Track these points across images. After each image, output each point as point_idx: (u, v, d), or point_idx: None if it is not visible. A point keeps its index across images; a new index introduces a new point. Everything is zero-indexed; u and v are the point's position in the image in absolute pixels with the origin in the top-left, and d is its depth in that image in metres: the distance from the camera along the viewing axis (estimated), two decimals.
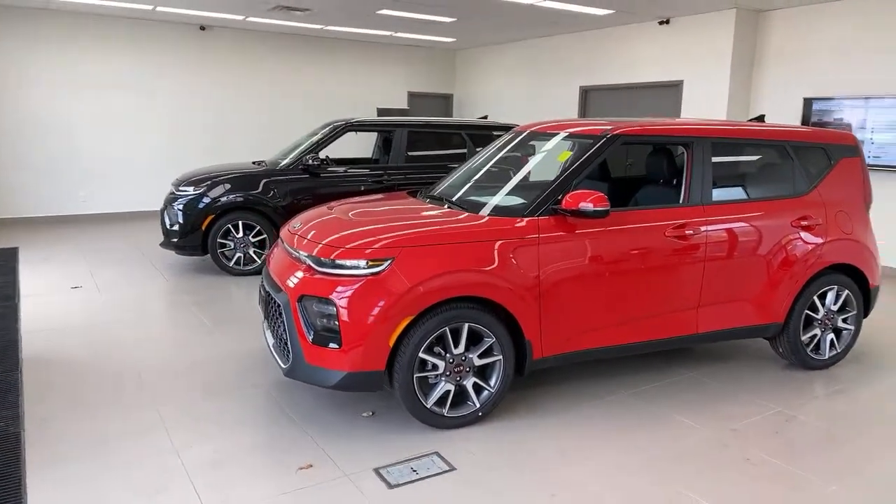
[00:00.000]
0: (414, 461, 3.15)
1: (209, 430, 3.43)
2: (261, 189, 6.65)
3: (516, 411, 3.71)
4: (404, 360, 3.28)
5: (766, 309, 4.13)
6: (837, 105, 7.44)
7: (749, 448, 3.34)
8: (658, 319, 3.87)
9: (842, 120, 7.41)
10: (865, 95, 7.19)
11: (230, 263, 6.68)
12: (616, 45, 9.76)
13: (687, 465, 3.16)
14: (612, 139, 3.81)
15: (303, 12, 9.06)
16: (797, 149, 4.29)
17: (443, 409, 3.43)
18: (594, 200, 3.45)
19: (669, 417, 3.68)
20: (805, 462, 3.21)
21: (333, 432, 3.42)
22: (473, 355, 3.44)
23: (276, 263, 3.86)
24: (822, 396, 4.02)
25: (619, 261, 3.68)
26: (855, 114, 7.29)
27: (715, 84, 8.40)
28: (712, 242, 3.92)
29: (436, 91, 13.12)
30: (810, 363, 4.37)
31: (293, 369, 3.41)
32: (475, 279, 3.34)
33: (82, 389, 3.90)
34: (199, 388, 3.95)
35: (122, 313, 5.38)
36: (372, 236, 3.40)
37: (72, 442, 3.26)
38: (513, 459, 3.18)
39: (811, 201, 4.24)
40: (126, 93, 10.13)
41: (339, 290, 3.26)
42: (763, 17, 8.25)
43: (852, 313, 4.44)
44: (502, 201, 3.82)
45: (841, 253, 4.27)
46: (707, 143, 4.00)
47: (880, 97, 7.04)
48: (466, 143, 7.36)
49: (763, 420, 3.67)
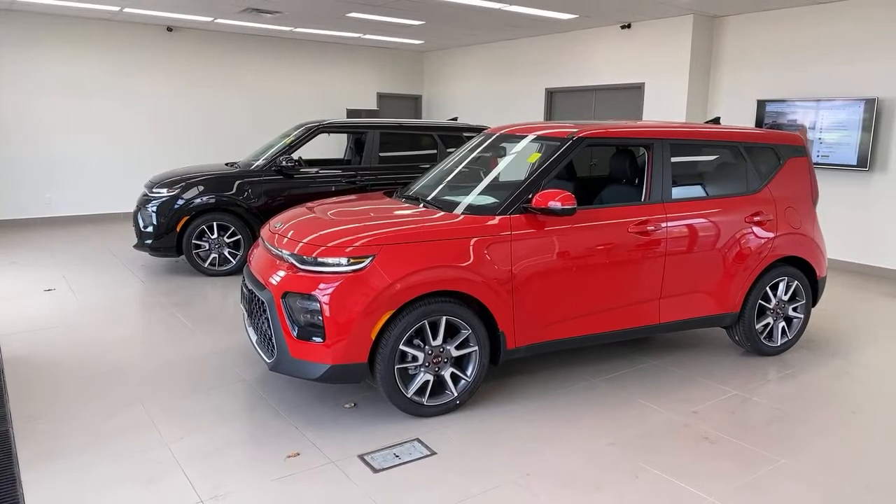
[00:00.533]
0: (396, 447, 3.32)
1: (196, 423, 3.55)
2: (235, 190, 6.73)
3: (492, 399, 3.91)
4: (385, 353, 3.45)
5: (722, 300, 4.41)
6: (789, 107, 7.83)
7: (707, 428, 3.60)
8: (623, 310, 4.11)
9: (795, 121, 7.81)
10: (814, 98, 7.60)
11: (205, 264, 6.75)
12: (580, 49, 10.06)
13: (650, 444, 3.40)
14: (577, 141, 4.04)
15: (272, 14, 9.13)
16: (749, 149, 4.58)
17: (422, 399, 3.61)
18: (562, 199, 3.67)
19: (635, 402, 3.92)
20: (758, 439, 3.48)
21: (318, 423, 3.58)
22: (451, 347, 3.63)
23: (257, 262, 3.99)
24: (774, 380, 4.32)
25: (586, 256, 3.91)
26: (805, 115, 7.69)
27: (674, 86, 8.75)
28: (672, 238, 4.18)
29: (405, 92, 13.28)
30: (764, 350, 4.68)
31: (278, 363, 3.55)
32: (452, 275, 3.53)
33: (67, 389, 3.97)
34: (183, 385, 4.06)
35: (99, 315, 5.43)
36: (352, 234, 3.56)
37: (61, 438, 3.35)
38: (489, 443, 3.38)
39: (763, 198, 4.54)
40: (92, 94, 10.06)
41: (321, 287, 3.41)
42: (718, 22, 8.63)
43: (802, 303, 4.75)
44: (475, 200, 4.01)
45: (790, 246, 4.58)
46: (666, 145, 4.26)
47: (828, 99, 7.45)
48: (437, 144, 7.55)
49: (720, 402, 3.94)
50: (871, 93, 7.19)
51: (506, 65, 11.48)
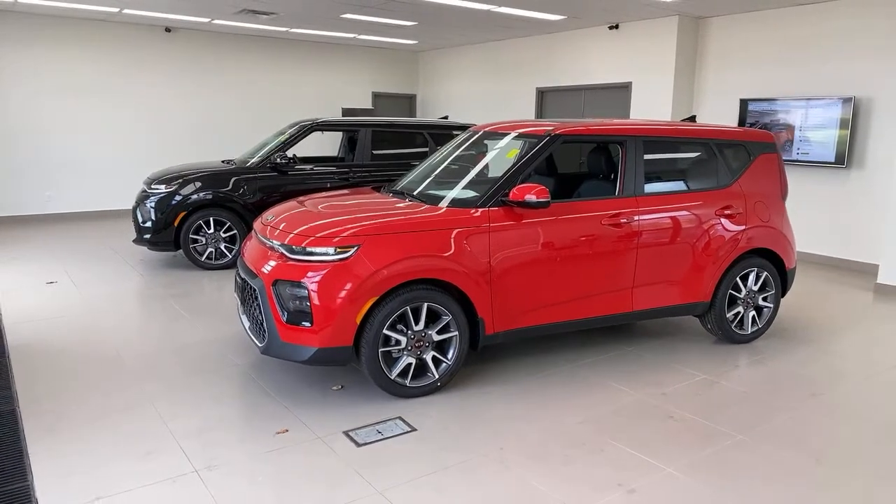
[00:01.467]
0: (379, 424, 3.54)
1: (191, 403, 3.77)
2: (231, 187, 6.95)
3: (472, 382, 4.14)
4: (370, 337, 3.67)
5: (694, 289, 4.64)
6: (770, 106, 8.06)
7: (673, 408, 3.82)
8: (597, 299, 4.33)
9: (779, 120, 8.03)
10: (795, 97, 7.82)
11: (202, 258, 6.97)
12: (570, 49, 10.28)
13: (618, 422, 3.62)
14: (553, 138, 4.26)
15: (268, 16, 9.35)
16: (720, 146, 4.80)
17: (405, 380, 3.83)
18: (537, 193, 3.89)
19: (607, 385, 4.14)
20: (720, 418, 3.71)
21: (306, 403, 3.80)
22: (432, 332, 3.85)
23: (250, 253, 4.20)
24: (743, 365, 4.54)
25: (561, 247, 4.13)
26: (786, 114, 7.91)
27: (660, 86, 8.97)
28: (644, 230, 4.40)
29: (399, 91, 13.50)
30: (735, 337, 4.90)
31: (269, 347, 3.77)
32: (433, 264, 3.75)
33: (70, 373, 4.19)
34: (179, 369, 4.27)
35: (100, 305, 5.65)
36: (340, 226, 3.78)
37: (65, 417, 3.57)
38: (467, 421, 3.60)
39: (733, 192, 4.76)
40: (91, 94, 10.28)
41: (309, 275, 3.63)
42: (703, 23, 8.85)
43: (771, 292, 4.97)
44: (459, 194, 4.23)
45: (759, 239, 4.80)
46: (639, 142, 4.48)
47: (808, 98, 7.67)
48: (428, 142, 7.77)
49: (689, 386, 4.16)
50: (850, 92, 7.41)
51: (498, 65, 11.71)
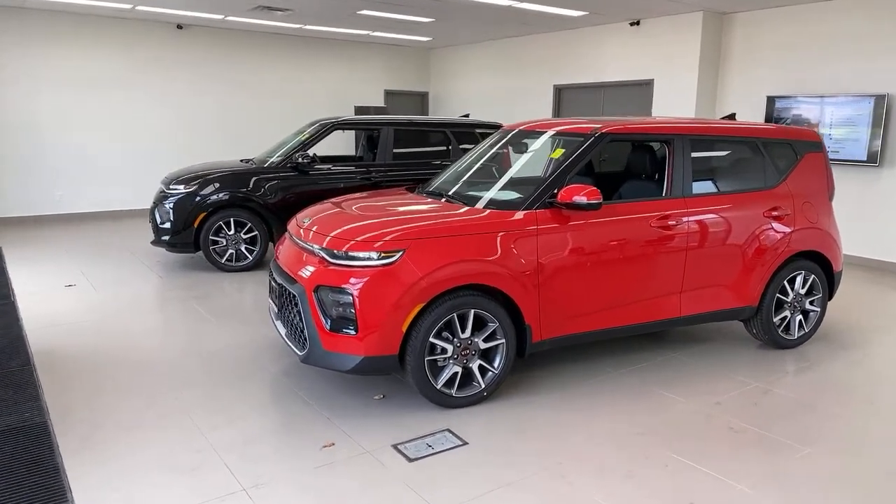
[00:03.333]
0: (428, 437, 3.39)
1: (229, 413, 3.62)
2: (251, 187, 6.79)
3: (517, 390, 3.98)
4: (416, 345, 3.52)
5: (741, 293, 4.48)
6: (798, 103, 7.89)
7: (731, 418, 3.67)
8: (645, 304, 4.18)
9: (800, 116, 7.87)
10: (824, 94, 7.66)
11: (222, 260, 6.81)
12: (589, 45, 10.12)
13: (676, 433, 3.47)
14: (600, 137, 4.10)
15: (283, 12, 9.18)
16: (767, 144, 4.64)
17: (451, 390, 3.68)
18: (588, 194, 3.73)
19: (658, 393, 3.99)
20: (781, 429, 3.55)
21: (348, 413, 3.65)
22: (479, 339, 3.70)
23: (286, 256, 4.05)
24: (793, 372, 4.39)
25: (610, 250, 3.98)
26: (814, 111, 7.75)
27: (684, 83, 8.81)
28: (693, 232, 4.24)
29: (412, 89, 13.33)
30: (781, 343, 4.75)
31: (310, 355, 3.62)
32: (481, 269, 3.59)
33: (98, 380, 4.04)
34: (211, 376, 4.12)
35: (122, 309, 5.49)
36: (382, 228, 3.63)
37: (99, 429, 3.42)
38: (518, 433, 3.45)
39: (781, 193, 4.60)
40: (103, 91, 10.11)
41: (353, 280, 3.48)
42: (727, 19, 8.68)
43: (818, 296, 4.82)
44: (498, 195, 4.08)
45: (808, 241, 4.65)
46: (686, 140, 4.32)
47: (838, 95, 7.51)
48: (451, 140, 7.61)
49: (742, 394, 4.01)
50: (882, 89, 7.24)
51: (513, 61, 11.54)
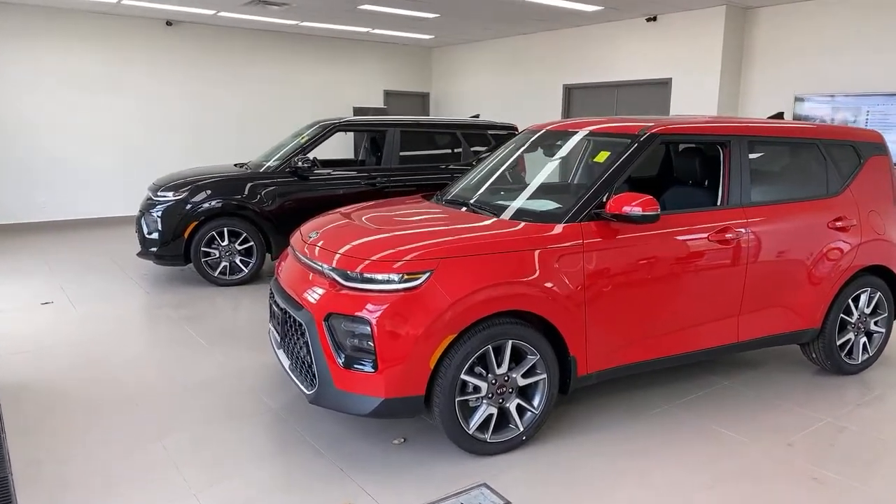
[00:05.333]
0: (462, 495, 2.86)
1: (225, 465, 3.07)
2: (247, 193, 6.24)
3: (557, 431, 3.45)
4: (445, 383, 2.98)
5: (804, 314, 3.97)
6: (829, 102, 7.41)
7: (810, 465, 3.15)
8: (701, 329, 3.66)
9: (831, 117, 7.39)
10: (857, 92, 7.18)
11: (215, 273, 6.25)
12: (601, 43, 9.62)
13: (753, 488, 2.95)
14: (650, 138, 3.58)
15: (280, 7, 8.64)
16: (829, 146, 4.14)
17: (485, 435, 3.14)
18: (643, 204, 3.21)
19: (719, 432, 3.47)
20: (873, 478, 3.04)
21: (366, 463, 3.11)
22: (517, 375, 3.16)
23: (288, 276, 3.51)
24: (862, 403, 3.88)
25: (664, 268, 3.46)
26: (847, 111, 7.27)
27: (704, 82, 8.32)
28: (753, 246, 3.73)
29: (412, 90, 12.80)
30: (844, 368, 4.24)
31: (320, 396, 3.07)
32: (519, 291, 3.06)
33: (72, 422, 3.48)
34: (204, 416, 3.57)
35: (103, 331, 4.93)
36: (401, 245, 3.09)
37: (69, 486, 2.86)
38: (567, 485, 2.92)
39: (845, 201, 4.10)
40: (86, 92, 9.53)
41: (371, 308, 2.94)
42: (751, 13, 8.20)
43: (884, 316, 4.32)
44: (532, 205, 3.56)
45: (874, 254, 4.15)
46: (745, 142, 3.81)
47: (871, 94, 7.03)
48: (461, 142, 7.08)
49: (814, 432, 3.49)
50: None
51: (519, 60, 11.02)
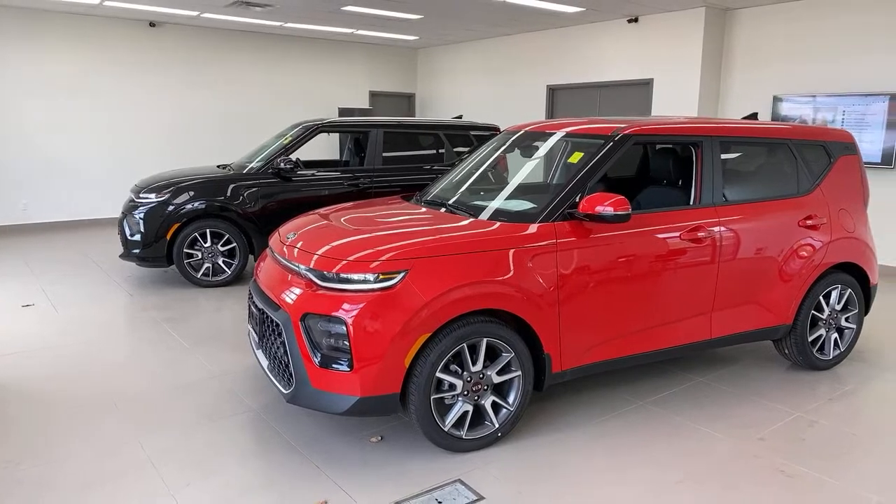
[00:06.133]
0: (436, 491, 2.90)
1: (203, 465, 3.09)
2: (229, 195, 6.25)
3: (535, 428, 3.50)
4: (421, 381, 3.02)
5: (776, 310, 4.04)
6: (806, 102, 7.52)
7: (780, 459, 3.22)
8: (674, 326, 3.72)
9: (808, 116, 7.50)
10: (834, 93, 7.29)
11: (198, 275, 6.26)
12: (584, 44, 9.69)
13: (723, 480, 3.01)
14: (623, 139, 3.64)
15: (263, 8, 8.64)
16: (800, 146, 4.22)
17: (461, 432, 3.18)
18: (614, 204, 3.26)
19: (693, 427, 3.53)
20: (841, 471, 3.11)
21: (342, 461, 3.14)
22: (492, 372, 3.21)
23: (267, 277, 3.54)
24: (833, 398, 3.95)
25: (637, 266, 3.51)
26: (824, 111, 7.38)
27: (685, 83, 8.41)
28: (725, 245, 3.80)
29: (398, 90, 12.83)
30: (816, 364, 4.32)
31: (297, 395, 3.11)
32: (494, 290, 3.11)
33: (51, 425, 3.49)
34: (184, 417, 3.59)
35: (85, 334, 4.93)
36: (377, 245, 3.13)
37: (48, 488, 2.88)
38: (542, 481, 2.97)
39: (815, 200, 4.18)
40: (69, 93, 9.48)
41: (346, 308, 2.98)
42: (731, 15, 8.30)
43: (854, 312, 4.41)
44: (508, 205, 3.61)
45: (844, 252, 4.23)
46: (717, 142, 3.88)
47: (847, 94, 7.14)
48: (443, 143, 7.12)
49: (785, 427, 3.56)
50: (894, 87, 6.88)
51: (504, 61, 11.08)
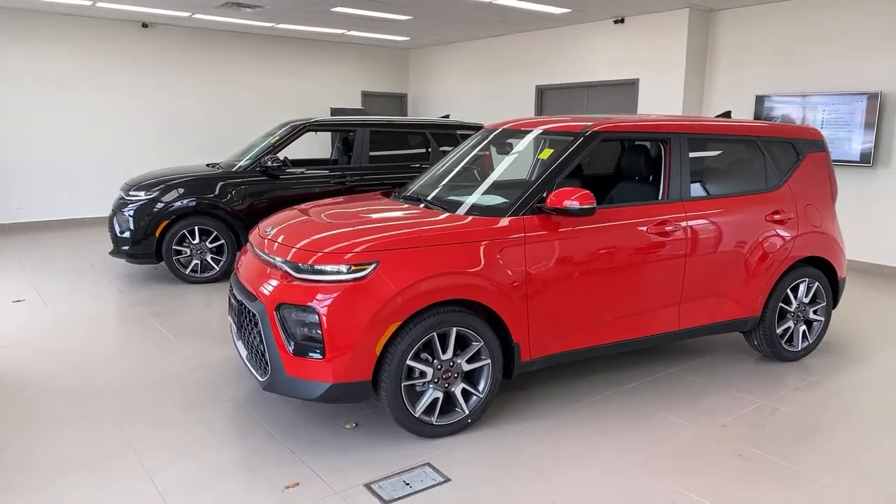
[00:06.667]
0: (405, 474, 3.01)
1: (182, 449, 3.20)
2: (217, 192, 6.36)
3: (504, 416, 3.62)
4: (391, 369, 3.14)
5: (744, 303, 4.16)
6: (788, 102, 7.65)
7: (740, 443, 3.34)
8: (642, 317, 3.84)
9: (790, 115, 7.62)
10: (815, 92, 7.42)
11: (186, 271, 6.37)
12: (572, 44, 9.82)
13: (682, 464, 3.13)
14: (591, 136, 3.76)
15: (253, 9, 8.76)
16: (767, 144, 4.34)
17: (431, 418, 3.30)
18: (580, 198, 3.38)
19: (658, 416, 3.65)
20: (794, 455, 3.23)
21: (316, 447, 3.25)
22: (461, 360, 3.33)
23: (246, 270, 3.65)
24: (799, 388, 4.07)
25: (604, 259, 3.63)
26: (805, 110, 7.50)
27: (670, 82, 8.53)
28: (692, 238, 3.91)
29: (390, 90, 12.95)
30: (784, 355, 4.44)
31: (272, 382, 3.22)
32: (463, 282, 3.23)
33: (37, 411, 3.60)
34: (166, 405, 3.70)
35: (73, 328, 5.04)
36: (352, 239, 3.25)
37: (30, 470, 2.99)
38: (508, 466, 3.08)
39: (783, 195, 4.30)
40: (61, 94, 9.59)
41: (320, 297, 3.09)
42: (714, 16, 8.42)
43: (822, 305, 4.53)
44: (481, 200, 3.72)
45: (812, 246, 4.35)
46: (684, 139, 4.00)
47: (827, 93, 7.27)
48: (430, 142, 7.24)
49: (748, 414, 3.68)
50: (875, 87, 7.01)
51: (494, 61, 11.21)
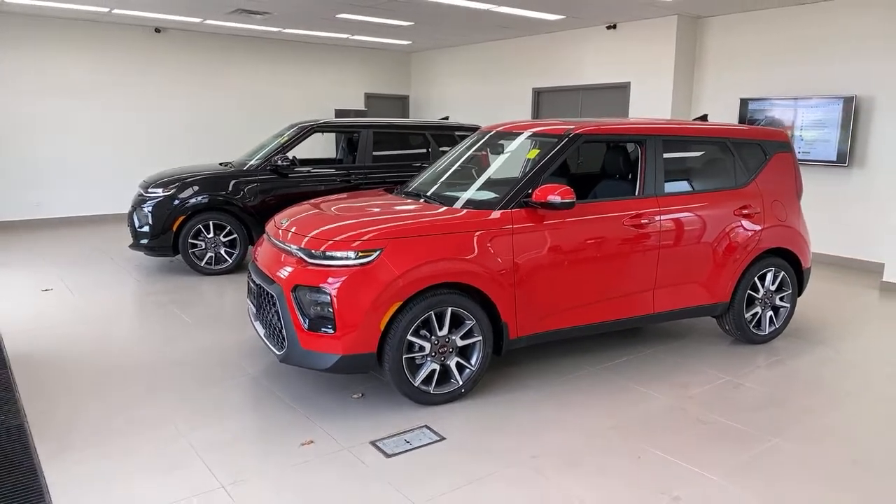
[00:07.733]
0: (406, 434, 3.44)
1: (209, 414, 3.63)
2: (230, 190, 6.79)
3: (495, 388, 4.04)
4: (394, 343, 3.56)
5: (713, 289, 4.58)
6: (771, 105, 8.06)
7: (702, 412, 3.76)
8: (619, 301, 4.26)
9: (773, 118, 8.04)
10: (795, 96, 7.83)
11: (201, 263, 6.80)
12: (567, 49, 10.24)
13: (650, 427, 3.55)
14: (574, 138, 4.18)
15: (262, 15, 9.19)
16: (737, 145, 4.76)
17: (429, 387, 3.73)
18: (561, 193, 3.81)
19: (633, 388, 4.07)
20: (750, 420, 3.65)
21: (327, 412, 3.68)
22: (456, 337, 3.75)
23: (264, 257, 4.08)
24: (763, 366, 4.49)
25: (584, 248, 4.06)
26: (786, 113, 7.92)
27: (659, 86, 8.95)
28: (665, 230, 4.33)
29: (392, 93, 13.38)
30: (753, 338, 4.86)
31: (289, 355, 3.65)
32: (458, 267, 3.65)
33: (76, 384, 4.03)
34: (191, 379, 4.13)
35: (100, 313, 5.47)
36: (359, 229, 3.67)
37: (77, 431, 3.42)
38: (495, 428, 3.51)
39: (750, 192, 4.72)
40: (79, 96, 10.04)
41: (331, 280, 3.52)
42: (702, 23, 8.84)
43: (788, 292, 4.94)
44: (475, 195, 4.14)
45: (777, 238, 4.76)
46: (659, 141, 4.42)
47: (809, 97, 7.68)
48: (430, 143, 7.67)
49: (714, 388, 4.10)
50: (851, 91, 7.43)
51: (493, 65, 11.63)
